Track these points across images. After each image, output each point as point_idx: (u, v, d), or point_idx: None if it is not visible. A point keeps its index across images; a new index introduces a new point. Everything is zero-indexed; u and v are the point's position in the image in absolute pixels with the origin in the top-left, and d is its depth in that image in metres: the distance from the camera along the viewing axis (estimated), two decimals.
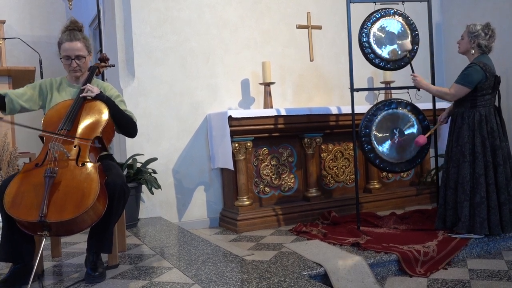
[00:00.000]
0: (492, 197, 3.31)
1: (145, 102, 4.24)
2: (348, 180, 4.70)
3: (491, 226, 3.30)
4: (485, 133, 3.35)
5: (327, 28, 4.93)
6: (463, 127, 3.39)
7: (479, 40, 3.36)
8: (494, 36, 3.41)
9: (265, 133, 4.22)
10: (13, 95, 2.64)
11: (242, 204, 4.10)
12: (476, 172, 3.33)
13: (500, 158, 3.35)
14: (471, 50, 3.42)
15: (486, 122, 3.36)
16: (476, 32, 3.37)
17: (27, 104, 2.68)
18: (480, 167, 3.32)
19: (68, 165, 2.37)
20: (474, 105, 3.37)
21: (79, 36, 2.71)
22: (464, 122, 3.40)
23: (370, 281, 2.78)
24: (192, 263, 2.73)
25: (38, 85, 2.76)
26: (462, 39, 3.47)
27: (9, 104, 2.62)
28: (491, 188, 3.32)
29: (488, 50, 3.42)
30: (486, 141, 3.34)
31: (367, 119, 3.70)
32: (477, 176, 3.33)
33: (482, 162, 3.32)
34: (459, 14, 5.46)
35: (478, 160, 3.33)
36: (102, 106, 2.63)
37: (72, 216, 2.19)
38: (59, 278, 2.57)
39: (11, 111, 2.65)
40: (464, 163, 3.36)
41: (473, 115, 3.37)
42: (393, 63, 3.80)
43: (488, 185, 3.32)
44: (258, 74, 4.66)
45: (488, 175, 3.32)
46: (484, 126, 3.35)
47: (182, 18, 4.42)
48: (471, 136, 3.36)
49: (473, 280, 2.86)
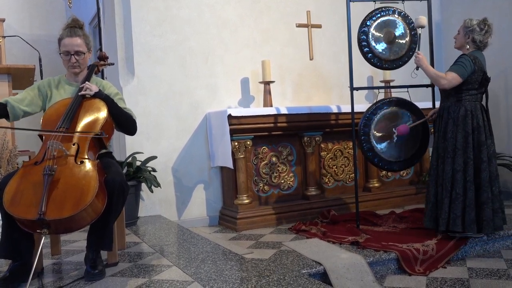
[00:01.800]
0: (468, 194, 3.22)
1: (144, 101, 4.24)
2: (348, 179, 4.70)
3: (465, 225, 3.21)
4: (469, 129, 3.26)
5: (326, 27, 4.92)
6: (449, 122, 3.33)
7: (474, 35, 3.31)
8: (491, 31, 3.34)
9: (265, 132, 4.23)
10: (13, 101, 2.64)
11: (241, 203, 4.10)
12: (454, 168, 3.26)
13: (485, 155, 3.25)
14: (466, 45, 3.36)
15: (472, 117, 3.28)
16: (471, 27, 3.32)
17: (29, 108, 2.69)
18: (459, 163, 3.24)
19: (67, 163, 2.37)
20: (459, 99, 3.30)
21: (80, 32, 2.72)
22: (449, 117, 3.33)
23: (369, 280, 2.79)
24: (192, 261, 2.74)
25: (36, 87, 2.76)
26: (458, 33, 3.42)
27: (11, 111, 2.63)
28: (469, 185, 3.22)
29: (483, 46, 3.35)
30: (469, 136, 3.25)
31: (367, 118, 3.71)
32: (454, 172, 3.26)
33: (462, 158, 3.24)
34: (459, 13, 5.46)
35: (458, 156, 3.25)
36: (101, 104, 2.63)
37: (71, 214, 2.19)
38: (58, 276, 2.57)
39: (14, 117, 2.66)
40: (447, 158, 3.29)
41: (458, 109, 3.30)
42: (391, 62, 3.80)
43: (466, 182, 3.23)
44: (257, 73, 4.66)
45: (467, 171, 3.23)
46: (469, 121, 3.27)
47: (182, 17, 4.42)
48: (455, 131, 3.29)
49: (472, 278, 2.87)
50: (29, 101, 2.70)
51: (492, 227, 3.23)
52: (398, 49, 3.78)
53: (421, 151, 3.79)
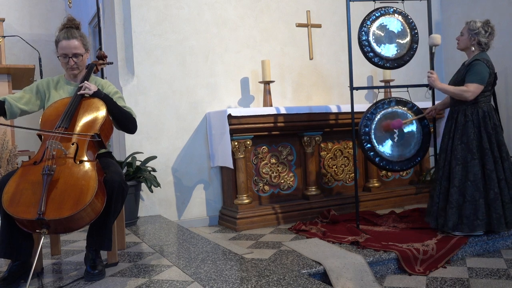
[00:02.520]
0: (504, 192, 3.30)
1: (144, 101, 4.24)
2: (348, 179, 4.70)
3: (508, 221, 3.28)
4: (490, 129, 3.33)
5: (326, 26, 4.92)
6: (467, 124, 3.36)
7: (479, 38, 3.35)
8: (494, 33, 3.40)
9: (265, 132, 4.22)
10: (11, 99, 2.64)
11: (241, 203, 4.10)
12: (487, 168, 3.30)
13: (505, 153, 3.34)
14: (471, 48, 3.41)
15: (490, 118, 3.35)
16: (476, 29, 3.36)
17: (26, 107, 2.68)
18: (490, 163, 3.29)
19: (66, 162, 2.37)
20: (476, 102, 3.35)
21: (76, 34, 2.70)
22: (467, 120, 3.36)
23: (369, 280, 2.78)
24: (192, 261, 2.73)
25: (35, 86, 2.76)
26: (462, 35, 3.45)
27: (8, 109, 2.62)
28: (503, 184, 3.30)
29: (487, 48, 3.42)
30: (492, 136, 3.33)
31: (367, 117, 3.70)
32: (488, 173, 3.29)
33: (492, 158, 3.30)
34: (459, 12, 5.46)
35: (487, 156, 3.30)
36: (100, 103, 2.63)
37: (70, 213, 2.18)
38: (58, 276, 2.57)
39: (11, 115, 2.65)
40: (473, 160, 3.31)
41: (477, 111, 3.35)
42: (392, 61, 3.80)
43: (500, 181, 3.30)
44: (257, 72, 4.66)
45: (498, 170, 3.31)
46: (488, 122, 3.34)
47: (182, 17, 4.41)
48: (476, 133, 3.33)
49: (472, 278, 2.86)
50: (27, 100, 2.69)
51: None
52: (399, 48, 3.78)
53: (422, 151, 3.79)
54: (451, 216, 3.34)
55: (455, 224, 3.33)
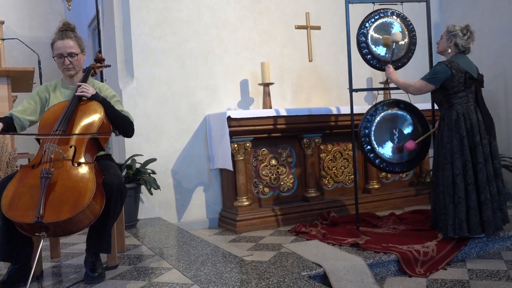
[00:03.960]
0: (471, 197, 3.21)
1: (144, 103, 4.24)
2: (347, 181, 4.69)
3: (471, 228, 3.20)
4: (462, 131, 3.27)
5: (325, 28, 4.93)
6: (444, 129, 3.35)
7: (456, 40, 3.36)
8: (473, 37, 3.39)
9: (264, 134, 4.22)
10: (17, 113, 2.67)
11: (241, 205, 4.10)
12: (453, 172, 3.25)
13: (480, 156, 3.25)
14: (448, 49, 3.41)
15: (464, 119, 3.28)
16: (454, 31, 3.37)
17: (33, 117, 2.72)
18: (457, 166, 3.24)
19: (64, 165, 2.37)
20: (451, 105, 3.33)
21: (71, 35, 2.72)
22: (444, 124, 3.36)
23: (369, 282, 2.78)
24: (191, 263, 2.73)
25: (36, 95, 2.78)
26: (441, 39, 3.48)
27: (17, 123, 2.65)
28: (470, 188, 3.22)
29: (466, 51, 3.40)
30: (464, 139, 3.26)
31: (367, 119, 3.70)
32: (453, 177, 3.25)
33: (460, 162, 3.25)
34: (458, 14, 5.46)
35: (456, 159, 3.25)
36: (98, 106, 2.63)
37: (69, 216, 2.18)
38: (58, 279, 2.57)
39: (21, 129, 2.69)
40: (446, 164, 3.30)
41: (451, 114, 3.32)
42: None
43: (467, 185, 3.23)
44: (257, 74, 4.66)
45: (467, 174, 3.23)
46: (461, 124, 3.27)
47: (181, 19, 4.42)
48: (450, 136, 3.30)
49: (472, 280, 2.86)
50: (32, 111, 2.72)
51: (493, 227, 3.24)
52: (397, 50, 3.78)
53: (422, 152, 3.78)
54: (441, 222, 3.35)
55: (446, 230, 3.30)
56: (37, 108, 2.74)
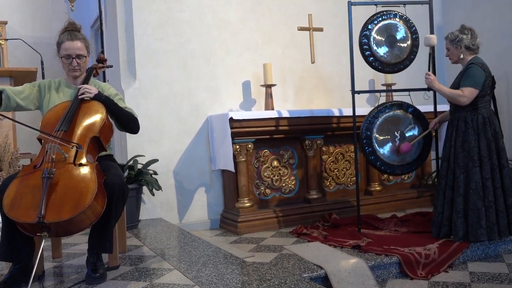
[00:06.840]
0: (499, 200, 3.26)
1: (146, 104, 4.24)
2: (349, 182, 4.69)
3: (500, 230, 3.25)
4: (489, 136, 3.30)
5: (327, 29, 4.92)
6: (468, 131, 3.32)
7: (463, 43, 3.35)
8: (475, 34, 3.38)
9: (266, 135, 4.22)
10: (10, 91, 2.62)
11: (242, 206, 4.09)
12: (483, 176, 3.27)
13: (505, 160, 3.32)
14: (461, 55, 3.39)
15: (490, 124, 3.32)
16: (456, 37, 3.37)
17: (23, 102, 2.66)
18: (487, 171, 3.26)
19: (66, 165, 2.37)
20: (475, 108, 3.32)
21: (80, 36, 2.72)
22: (468, 126, 3.33)
23: (370, 284, 2.78)
24: (193, 264, 2.73)
25: (37, 84, 2.77)
26: (449, 50, 3.45)
27: (5, 100, 2.60)
28: (498, 192, 3.27)
29: (477, 49, 3.39)
30: (491, 143, 3.30)
31: (369, 121, 3.70)
32: (484, 181, 3.27)
33: (489, 166, 3.27)
34: (460, 16, 5.46)
35: (484, 163, 3.27)
36: (99, 106, 2.63)
37: (70, 216, 2.18)
38: (59, 279, 2.57)
39: (6, 107, 2.62)
40: (474, 168, 3.28)
41: (477, 118, 3.32)
42: (393, 66, 3.80)
43: (496, 189, 3.27)
44: (259, 75, 4.66)
45: (495, 178, 3.28)
46: (488, 129, 3.31)
47: (183, 20, 4.42)
48: (477, 140, 3.30)
49: (474, 283, 2.85)
50: (26, 95, 2.68)
51: None
52: (400, 52, 3.77)
53: (423, 154, 3.78)
54: (460, 225, 3.29)
55: (465, 234, 3.29)
56: (32, 96, 2.70)
